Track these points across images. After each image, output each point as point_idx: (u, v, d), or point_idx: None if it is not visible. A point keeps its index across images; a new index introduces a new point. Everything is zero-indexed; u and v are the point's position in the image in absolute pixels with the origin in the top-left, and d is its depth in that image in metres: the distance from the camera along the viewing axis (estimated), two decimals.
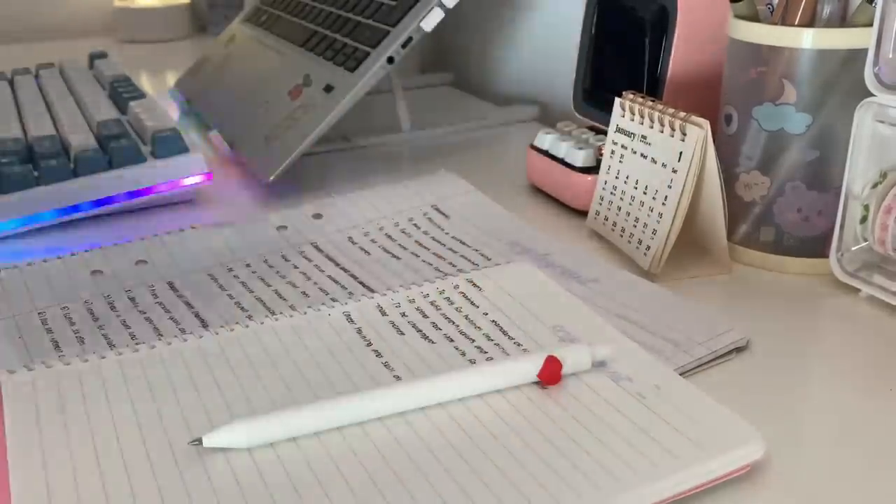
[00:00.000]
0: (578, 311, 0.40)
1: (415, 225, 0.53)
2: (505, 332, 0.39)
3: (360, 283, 0.47)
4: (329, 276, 0.47)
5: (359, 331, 0.39)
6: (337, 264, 0.49)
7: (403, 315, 0.40)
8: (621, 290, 0.45)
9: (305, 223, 0.54)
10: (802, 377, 0.39)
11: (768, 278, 0.48)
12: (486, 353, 0.37)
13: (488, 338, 0.38)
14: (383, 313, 0.40)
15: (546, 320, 0.39)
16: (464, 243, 0.51)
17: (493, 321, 0.39)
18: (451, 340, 0.38)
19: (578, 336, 0.38)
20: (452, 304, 0.41)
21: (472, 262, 0.48)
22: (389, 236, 0.52)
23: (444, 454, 0.31)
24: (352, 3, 0.70)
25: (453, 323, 0.39)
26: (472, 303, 0.41)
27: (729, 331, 0.40)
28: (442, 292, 0.42)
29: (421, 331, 0.39)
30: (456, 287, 0.42)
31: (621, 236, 0.50)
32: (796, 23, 0.46)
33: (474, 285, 0.42)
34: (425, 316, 0.40)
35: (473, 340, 0.38)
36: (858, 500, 0.31)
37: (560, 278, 0.45)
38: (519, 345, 0.38)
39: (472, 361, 0.37)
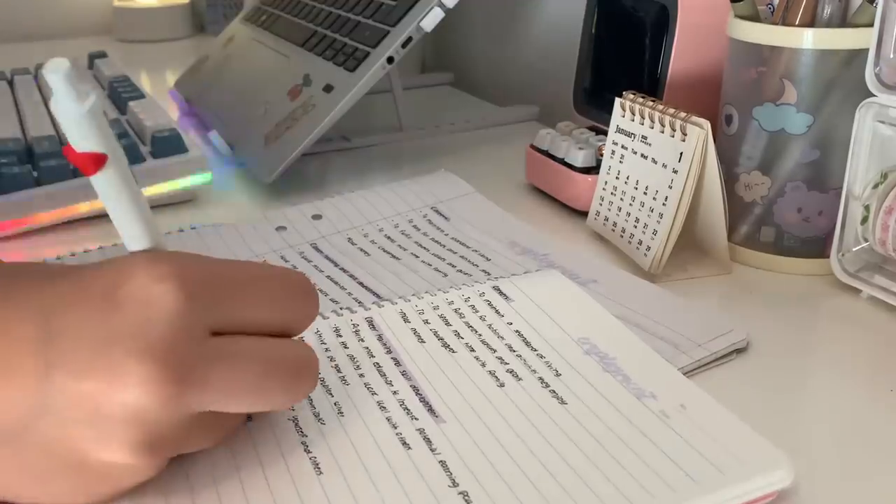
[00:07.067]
0: (606, 323, 0.39)
1: (414, 227, 0.53)
2: (528, 343, 0.38)
3: (360, 283, 0.46)
4: (328, 277, 0.47)
5: (379, 337, 0.38)
6: (336, 265, 0.49)
7: (426, 322, 0.39)
8: (621, 290, 0.44)
9: (305, 224, 0.54)
10: (803, 378, 0.39)
11: (769, 279, 0.47)
12: (507, 363, 0.36)
13: (510, 349, 0.37)
14: (406, 320, 0.39)
15: (571, 332, 0.38)
16: (463, 244, 0.51)
17: (516, 331, 0.39)
18: (472, 350, 0.37)
19: (604, 348, 0.37)
20: (477, 311, 0.40)
21: (472, 263, 0.48)
22: (389, 237, 0.52)
23: (461, 473, 0.30)
24: (351, 3, 0.70)
25: (476, 332, 0.39)
26: (497, 311, 0.40)
27: (729, 332, 0.40)
28: (467, 299, 0.41)
29: (442, 339, 0.38)
30: (482, 294, 0.41)
31: (621, 237, 0.50)
32: (797, 23, 0.45)
33: (500, 293, 0.41)
34: (448, 324, 0.39)
35: (495, 351, 0.37)
36: (861, 501, 0.31)
37: None
38: (541, 356, 0.37)
39: (492, 373, 0.36)
